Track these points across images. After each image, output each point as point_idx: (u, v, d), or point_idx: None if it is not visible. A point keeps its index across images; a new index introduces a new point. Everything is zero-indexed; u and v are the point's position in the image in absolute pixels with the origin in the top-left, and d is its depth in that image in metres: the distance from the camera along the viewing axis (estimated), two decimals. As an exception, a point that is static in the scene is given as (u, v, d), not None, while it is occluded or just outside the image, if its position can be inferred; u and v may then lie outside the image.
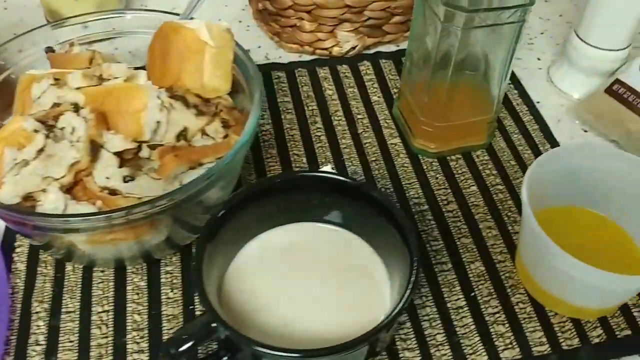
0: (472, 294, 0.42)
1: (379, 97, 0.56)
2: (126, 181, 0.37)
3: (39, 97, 0.40)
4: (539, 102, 0.56)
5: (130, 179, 0.37)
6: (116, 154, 0.38)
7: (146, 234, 0.39)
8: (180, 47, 0.40)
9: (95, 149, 0.37)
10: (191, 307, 0.41)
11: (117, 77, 0.41)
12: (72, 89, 0.40)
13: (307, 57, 0.60)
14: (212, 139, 0.40)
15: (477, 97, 0.50)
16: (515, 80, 0.58)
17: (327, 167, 0.46)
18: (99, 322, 0.40)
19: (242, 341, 0.31)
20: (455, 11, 0.41)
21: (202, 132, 0.40)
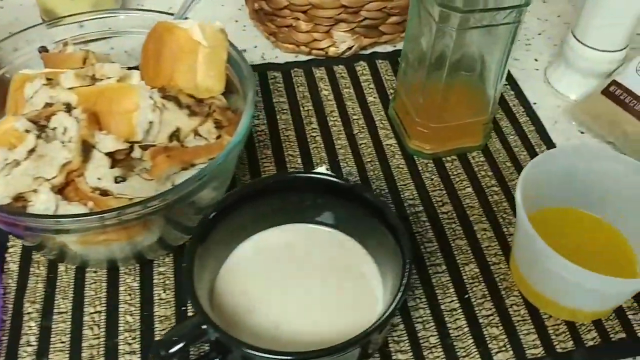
0: (466, 296, 0.42)
1: (374, 97, 0.56)
2: (118, 182, 0.37)
3: (32, 96, 0.40)
4: (535, 103, 0.56)
5: (121, 180, 0.37)
6: (108, 154, 0.37)
7: (138, 235, 0.39)
8: (173, 47, 0.40)
9: (87, 149, 0.37)
10: (183, 308, 0.41)
11: (109, 77, 0.41)
12: (65, 89, 0.39)
13: (303, 57, 0.60)
14: (204, 139, 0.40)
15: (473, 98, 0.50)
16: (512, 81, 0.58)
17: (322, 168, 0.46)
18: (91, 322, 0.40)
19: (232, 343, 0.31)
20: (450, 12, 0.41)
21: (195, 132, 0.40)
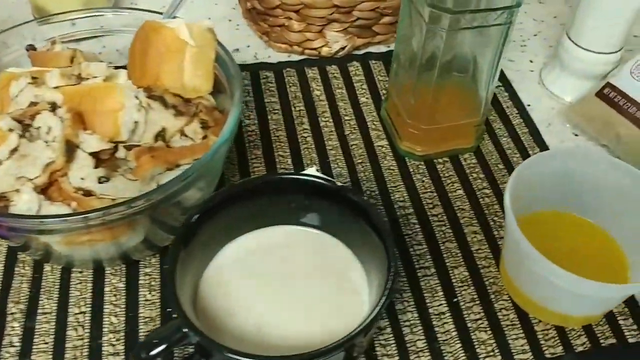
0: (455, 300, 0.41)
1: (367, 98, 0.55)
2: (101, 182, 0.36)
3: (17, 95, 0.39)
4: (529, 105, 0.56)
5: (105, 180, 0.36)
6: (92, 154, 0.37)
7: (123, 235, 0.38)
8: (159, 47, 0.39)
9: (70, 149, 0.36)
10: (169, 309, 0.40)
11: (95, 77, 0.40)
12: (50, 88, 0.39)
13: (296, 57, 0.59)
14: (190, 139, 0.40)
15: (465, 100, 0.49)
16: (506, 82, 0.57)
17: (312, 169, 0.45)
18: (75, 323, 0.40)
19: (212, 347, 0.31)
20: (440, 13, 0.41)
21: (181, 132, 0.40)
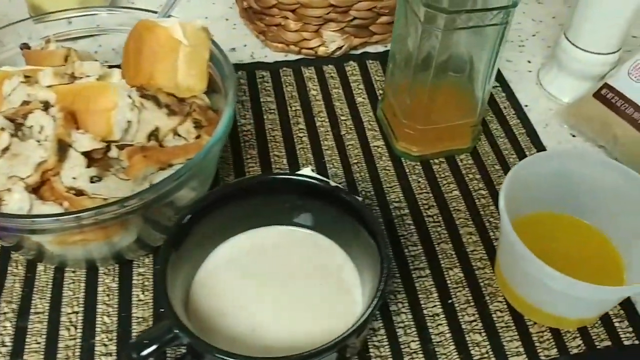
0: (450, 301, 0.41)
1: (364, 98, 0.55)
2: (93, 181, 0.36)
3: (10, 94, 0.39)
4: (527, 106, 0.55)
5: (97, 180, 0.36)
6: (85, 153, 0.37)
7: (116, 235, 0.38)
8: (153, 46, 0.39)
9: (63, 148, 0.36)
10: (162, 310, 0.40)
11: (89, 76, 0.40)
12: (43, 87, 0.39)
13: (293, 57, 0.59)
14: (184, 139, 0.40)
15: (461, 100, 0.49)
16: (504, 82, 0.57)
17: (307, 170, 0.45)
18: (68, 323, 0.39)
19: (203, 348, 0.31)
20: (436, 12, 0.40)
21: (174, 132, 0.40)
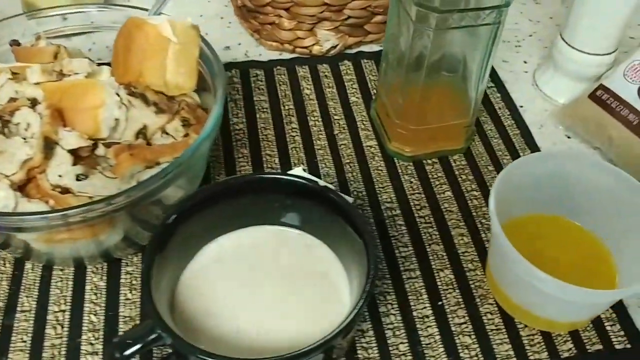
0: (440, 303, 0.41)
1: (357, 97, 0.55)
2: (79, 179, 0.36)
3: (-3, 91, 0.39)
4: (522, 107, 0.55)
5: (83, 178, 0.36)
6: (72, 151, 0.37)
7: (103, 233, 0.38)
8: (142, 43, 0.39)
9: (49, 146, 0.36)
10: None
11: (77, 73, 0.40)
12: (31, 84, 0.39)
13: (287, 56, 0.59)
14: (172, 137, 0.39)
15: (454, 100, 0.49)
16: (499, 83, 0.57)
17: (299, 169, 0.45)
18: (54, 322, 0.39)
19: (185, 349, 0.30)
20: (427, 12, 0.40)
21: (162, 130, 0.39)
